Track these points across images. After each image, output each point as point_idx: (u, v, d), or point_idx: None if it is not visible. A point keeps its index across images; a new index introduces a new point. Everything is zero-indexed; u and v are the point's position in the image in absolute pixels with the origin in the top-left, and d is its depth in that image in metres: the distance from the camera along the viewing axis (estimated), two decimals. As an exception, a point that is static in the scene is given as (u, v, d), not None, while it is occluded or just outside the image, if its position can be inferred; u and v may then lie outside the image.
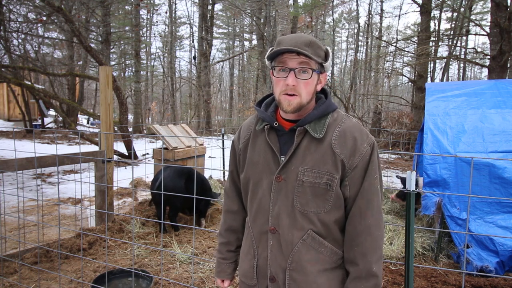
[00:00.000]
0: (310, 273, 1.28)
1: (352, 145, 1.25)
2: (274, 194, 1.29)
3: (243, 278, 1.43)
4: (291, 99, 1.23)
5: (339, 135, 1.26)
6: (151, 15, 24.68)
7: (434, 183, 3.66)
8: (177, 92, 25.79)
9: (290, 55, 1.22)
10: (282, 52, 1.23)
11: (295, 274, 1.29)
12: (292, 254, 1.28)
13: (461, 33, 14.61)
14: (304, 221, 1.27)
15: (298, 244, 1.28)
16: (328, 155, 1.24)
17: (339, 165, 1.24)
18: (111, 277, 2.85)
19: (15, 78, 9.36)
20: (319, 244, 1.29)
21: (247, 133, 1.42)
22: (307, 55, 1.19)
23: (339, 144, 1.25)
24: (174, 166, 4.57)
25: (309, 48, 1.22)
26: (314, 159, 1.24)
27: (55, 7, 7.66)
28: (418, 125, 11.16)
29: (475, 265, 3.33)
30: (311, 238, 1.27)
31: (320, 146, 1.25)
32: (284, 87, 1.23)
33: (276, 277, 1.31)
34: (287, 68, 1.23)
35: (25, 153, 3.16)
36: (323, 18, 23.32)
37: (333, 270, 1.32)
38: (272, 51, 1.24)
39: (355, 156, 1.24)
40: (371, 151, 1.26)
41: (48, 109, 16.91)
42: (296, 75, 1.22)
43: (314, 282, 1.28)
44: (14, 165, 3.11)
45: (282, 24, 7.78)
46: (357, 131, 1.28)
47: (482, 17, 22.34)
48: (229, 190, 1.54)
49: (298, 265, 1.28)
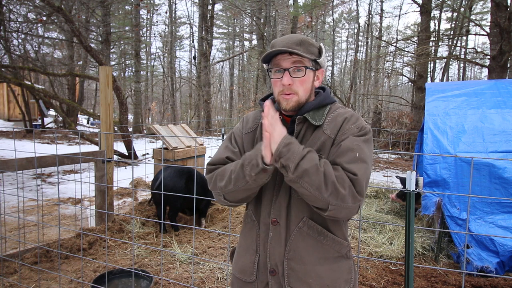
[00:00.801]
0: (308, 262, 1.27)
1: (340, 124, 1.27)
2: (277, 186, 1.31)
3: (240, 274, 1.41)
4: (288, 97, 1.28)
5: (331, 119, 1.30)
6: (151, 15, 24.70)
7: (434, 183, 3.66)
8: (177, 92, 25.81)
9: (283, 56, 1.28)
10: (275, 54, 1.29)
11: (293, 263, 1.28)
12: (289, 243, 1.28)
13: (461, 33, 14.61)
14: (299, 208, 1.28)
15: (294, 232, 1.28)
16: (318, 138, 1.27)
17: (327, 143, 1.26)
18: (111, 277, 2.85)
19: (15, 78, 9.36)
20: (318, 233, 1.28)
21: (254, 124, 1.42)
22: (298, 53, 1.24)
23: (330, 127, 1.28)
24: (174, 166, 4.57)
25: (300, 46, 1.27)
26: (307, 145, 1.27)
27: (55, 7, 7.66)
28: (418, 125, 11.16)
29: (475, 266, 3.33)
30: (307, 226, 1.27)
31: (314, 132, 1.29)
32: (281, 87, 1.29)
33: (275, 269, 1.31)
34: (282, 69, 1.28)
35: (25, 153, 3.16)
36: (323, 18, 23.31)
37: (336, 260, 1.30)
38: (265, 54, 1.30)
39: (340, 132, 1.26)
40: (357, 132, 1.25)
41: (48, 109, 16.92)
42: (291, 74, 1.27)
43: (314, 271, 1.27)
44: (14, 165, 3.11)
45: (282, 24, 7.77)
46: (348, 114, 1.30)
47: (482, 17, 22.35)
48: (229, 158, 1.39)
49: (296, 254, 1.27)
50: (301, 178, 1.13)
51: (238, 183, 1.24)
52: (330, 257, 1.29)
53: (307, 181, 1.13)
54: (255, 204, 1.38)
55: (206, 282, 3.15)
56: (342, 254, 1.31)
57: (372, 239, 4.21)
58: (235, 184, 1.24)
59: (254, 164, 1.18)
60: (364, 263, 3.66)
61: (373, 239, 4.21)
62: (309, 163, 1.13)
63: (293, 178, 1.14)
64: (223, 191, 1.30)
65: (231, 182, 1.25)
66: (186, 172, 4.49)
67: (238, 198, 1.31)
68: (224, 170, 1.31)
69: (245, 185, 1.23)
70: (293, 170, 1.13)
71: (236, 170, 1.24)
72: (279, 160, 1.14)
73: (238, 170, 1.23)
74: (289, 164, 1.12)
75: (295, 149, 1.15)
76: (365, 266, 3.60)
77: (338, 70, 32.59)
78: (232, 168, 1.27)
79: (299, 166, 1.12)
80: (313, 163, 1.14)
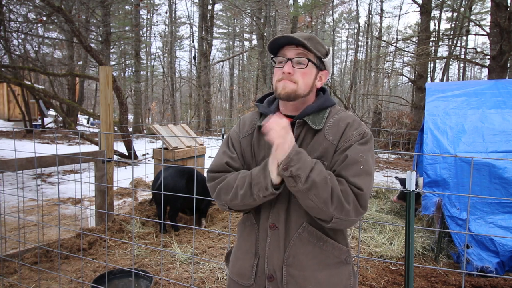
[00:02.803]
0: (307, 268, 1.25)
1: (343, 130, 1.26)
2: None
3: (237, 278, 1.38)
4: (286, 82, 1.27)
5: (332, 124, 1.28)
6: (151, 15, 24.70)
7: (434, 183, 3.66)
8: (177, 92, 25.80)
9: (289, 46, 1.29)
10: (282, 45, 1.30)
11: (292, 269, 1.26)
12: (288, 248, 1.26)
13: (461, 33, 14.61)
14: (299, 213, 1.26)
15: (294, 238, 1.26)
16: (319, 143, 1.26)
17: (329, 150, 1.25)
18: (111, 277, 2.85)
19: (15, 78, 9.36)
20: (317, 238, 1.26)
21: (251, 127, 1.40)
22: (305, 45, 1.25)
23: (332, 132, 1.27)
24: (175, 166, 4.57)
25: (308, 41, 1.27)
26: (308, 149, 1.25)
27: (55, 7, 7.66)
28: (418, 125, 11.16)
29: (475, 266, 3.32)
30: (307, 232, 1.26)
31: (315, 136, 1.27)
32: (281, 75, 1.28)
33: (274, 275, 1.28)
34: (285, 58, 1.28)
35: (25, 153, 3.16)
36: (323, 18, 23.31)
37: (336, 266, 1.29)
38: (273, 42, 1.29)
39: (343, 139, 1.25)
40: (359, 138, 1.25)
41: (48, 109, 16.91)
42: (293, 64, 1.27)
43: (313, 278, 1.25)
44: (14, 165, 3.11)
45: (282, 24, 7.77)
46: (350, 119, 1.29)
47: (482, 17, 22.35)
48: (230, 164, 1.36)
49: (295, 260, 1.26)
50: (310, 190, 1.12)
51: (246, 200, 1.23)
52: (330, 263, 1.28)
53: (315, 194, 1.12)
54: (255, 208, 1.36)
55: (206, 282, 3.15)
56: (341, 259, 1.30)
57: (372, 239, 4.21)
58: (242, 201, 1.24)
59: (262, 187, 1.18)
60: (364, 263, 3.66)
61: (373, 239, 4.21)
62: (319, 176, 1.12)
63: (303, 189, 1.12)
64: (229, 204, 1.30)
65: (237, 197, 1.25)
66: (187, 172, 4.49)
67: (244, 208, 1.32)
68: (228, 183, 1.29)
69: (253, 202, 1.23)
70: (304, 181, 1.11)
71: (244, 188, 1.23)
72: (288, 169, 1.12)
73: (246, 188, 1.23)
74: (300, 174, 1.11)
75: (306, 159, 1.14)
76: (365, 266, 3.60)
77: (338, 70, 32.58)
78: (239, 184, 1.25)
79: (309, 177, 1.11)
80: (322, 176, 1.13)
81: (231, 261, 1.45)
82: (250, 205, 1.26)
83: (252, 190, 1.21)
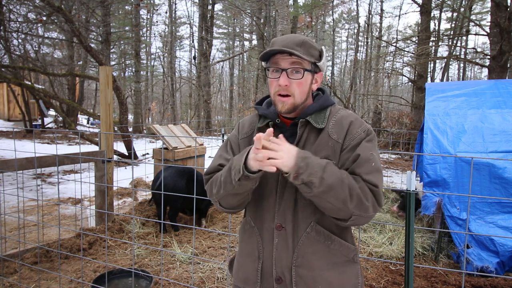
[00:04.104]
0: (317, 268, 1.24)
1: (347, 128, 1.26)
2: (280, 190, 1.27)
3: (242, 284, 1.36)
4: (284, 100, 1.26)
5: (335, 123, 1.28)
6: (151, 15, 24.70)
7: (434, 183, 3.66)
8: (177, 92, 25.80)
9: (282, 55, 1.25)
10: (274, 53, 1.26)
11: (301, 270, 1.24)
12: (297, 249, 1.25)
13: (461, 33, 14.62)
14: (307, 213, 1.25)
15: (303, 238, 1.25)
16: (325, 142, 1.26)
17: (336, 149, 1.25)
18: (111, 277, 2.85)
19: (15, 78, 9.36)
20: (326, 237, 1.26)
21: (250, 129, 1.40)
22: (298, 55, 1.21)
23: (336, 130, 1.27)
24: (175, 166, 4.57)
25: (301, 48, 1.24)
26: (313, 149, 1.25)
27: (55, 7, 7.66)
28: (418, 125, 11.16)
29: (475, 266, 3.33)
30: (315, 231, 1.25)
31: (319, 135, 1.27)
32: (277, 87, 1.26)
33: (282, 277, 1.27)
34: (280, 69, 1.25)
35: (25, 153, 3.16)
36: (323, 18, 23.31)
37: (344, 264, 1.28)
38: (264, 52, 1.27)
39: (349, 137, 1.25)
40: (365, 136, 1.25)
41: (48, 109, 16.91)
42: (289, 75, 1.25)
43: (322, 277, 1.24)
44: (14, 165, 3.11)
45: (282, 24, 7.78)
46: (352, 117, 1.30)
47: (482, 17, 22.36)
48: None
49: (304, 260, 1.24)
50: (326, 193, 1.11)
51: (227, 187, 1.22)
52: (338, 261, 1.27)
53: (333, 195, 1.11)
54: (253, 210, 1.35)
55: (206, 282, 3.16)
56: (349, 258, 1.30)
57: (372, 239, 4.21)
58: (225, 188, 1.23)
59: (237, 170, 1.16)
60: (364, 263, 3.66)
61: (373, 239, 4.21)
62: (333, 177, 1.12)
63: (318, 193, 1.11)
64: (217, 197, 1.30)
65: (221, 186, 1.25)
66: (187, 172, 4.49)
67: (231, 203, 1.30)
68: (217, 176, 1.31)
69: (232, 189, 1.21)
70: (318, 185, 1.10)
71: (224, 173, 1.24)
72: (299, 177, 1.10)
73: (226, 173, 1.23)
74: (312, 179, 1.10)
75: (315, 163, 1.12)
76: (365, 266, 3.60)
77: (338, 70, 32.60)
78: (222, 173, 1.27)
79: (323, 180, 1.10)
80: (336, 176, 1.12)
81: (235, 268, 1.43)
82: (231, 192, 1.23)
83: (230, 174, 1.19)
